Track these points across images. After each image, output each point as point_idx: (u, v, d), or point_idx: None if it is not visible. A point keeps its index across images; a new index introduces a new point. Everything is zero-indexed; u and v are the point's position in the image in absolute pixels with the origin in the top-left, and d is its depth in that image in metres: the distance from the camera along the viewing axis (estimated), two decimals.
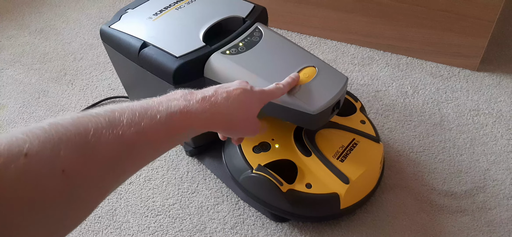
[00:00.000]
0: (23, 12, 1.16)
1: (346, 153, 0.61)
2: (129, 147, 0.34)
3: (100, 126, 0.32)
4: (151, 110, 0.37)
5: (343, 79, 0.57)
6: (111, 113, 0.33)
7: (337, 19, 0.94)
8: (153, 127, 0.36)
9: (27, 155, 0.26)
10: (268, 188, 0.58)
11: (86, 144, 0.30)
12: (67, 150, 0.29)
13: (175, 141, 0.40)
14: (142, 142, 0.35)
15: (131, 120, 0.34)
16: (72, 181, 0.29)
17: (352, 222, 0.62)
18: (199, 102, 0.41)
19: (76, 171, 0.29)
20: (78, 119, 0.31)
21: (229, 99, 0.44)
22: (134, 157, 0.35)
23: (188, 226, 0.64)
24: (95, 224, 0.65)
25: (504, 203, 0.64)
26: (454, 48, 0.87)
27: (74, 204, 0.30)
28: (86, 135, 0.30)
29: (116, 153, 0.33)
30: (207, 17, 0.65)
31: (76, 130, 0.30)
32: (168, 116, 0.37)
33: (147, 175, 0.71)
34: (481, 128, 0.76)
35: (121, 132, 0.33)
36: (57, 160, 0.28)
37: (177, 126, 0.39)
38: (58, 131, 0.29)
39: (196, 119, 0.41)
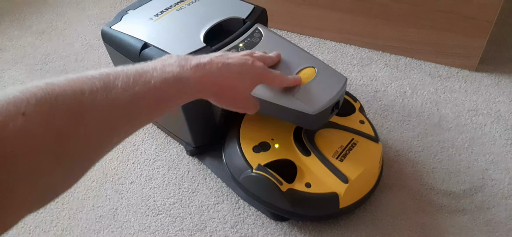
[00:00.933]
0: (25, 13, 1.16)
1: (345, 153, 0.61)
2: (123, 111, 0.34)
3: (94, 89, 0.32)
4: (146, 75, 0.37)
5: (342, 79, 0.58)
6: (106, 77, 0.34)
7: (336, 19, 0.95)
8: (147, 93, 0.37)
9: (25, 114, 0.27)
10: (268, 187, 0.58)
11: (81, 106, 0.31)
12: (62, 112, 0.29)
13: (168, 106, 0.40)
14: (136, 106, 0.36)
15: (125, 84, 0.35)
16: (66, 141, 0.29)
17: (351, 222, 0.63)
18: (193, 68, 0.41)
19: (70, 132, 0.30)
20: (74, 81, 0.31)
21: (223, 70, 0.44)
22: (127, 120, 0.36)
23: (189, 225, 0.64)
24: (96, 224, 0.65)
25: (503, 202, 0.64)
26: (452, 49, 0.87)
27: (68, 164, 0.31)
28: (81, 97, 0.31)
29: (109, 116, 0.33)
30: (208, 18, 0.66)
31: (71, 91, 0.31)
32: (162, 82, 0.38)
33: (148, 175, 0.72)
34: (479, 128, 0.76)
35: (115, 95, 0.34)
36: (53, 120, 0.29)
37: (170, 93, 0.39)
38: (54, 91, 0.29)
39: (188, 86, 0.41)
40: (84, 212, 0.67)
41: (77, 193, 0.70)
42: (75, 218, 0.66)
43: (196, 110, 0.67)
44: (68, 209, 0.68)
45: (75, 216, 0.67)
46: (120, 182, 0.71)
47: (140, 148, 0.77)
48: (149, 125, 0.81)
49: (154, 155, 0.75)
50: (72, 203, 0.69)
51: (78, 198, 0.69)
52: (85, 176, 0.74)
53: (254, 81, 0.49)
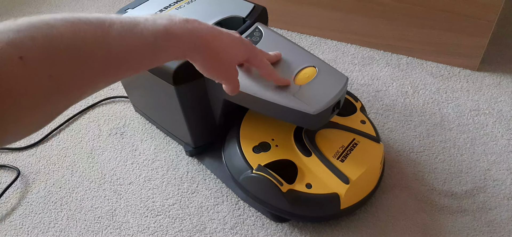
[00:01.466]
0: (23, 12, 1.16)
1: (346, 153, 0.61)
2: (115, 57, 0.35)
3: (91, 36, 0.33)
4: (138, 25, 0.38)
5: (343, 79, 0.57)
6: (102, 23, 0.34)
7: (337, 19, 0.94)
8: (139, 44, 0.37)
9: (22, 58, 0.27)
10: (268, 188, 0.58)
11: (77, 51, 0.32)
12: (59, 57, 0.30)
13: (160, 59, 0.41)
14: (128, 54, 0.37)
15: (119, 32, 0.35)
16: (58, 84, 0.31)
17: (352, 222, 0.62)
18: (182, 22, 0.42)
19: (64, 78, 0.31)
20: (72, 25, 0.32)
21: (211, 28, 0.45)
22: (118, 66, 0.36)
23: (188, 226, 0.64)
24: (95, 225, 0.65)
25: (505, 203, 0.64)
26: (454, 48, 0.87)
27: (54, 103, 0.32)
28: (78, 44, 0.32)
29: (103, 64, 0.34)
30: (207, 17, 0.65)
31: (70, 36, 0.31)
32: (153, 33, 0.39)
33: (147, 175, 0.71)
34: (481, 128, 0.76)
35: (110, 43, 0.34)
36: (49, 65, 0.29)
37: (161, 44, 0.40)
38: (53, 36, 0.30)
39: (179, 38, 0.41)
40: (82, 213, 0.67)
41: (75, 194, 0.69)
42: (74, 219, 0.66)
43: (195, 110, 0.66)
44: (67, 210, 0.67)
45: (73, 217, 0.66)
46: (119, 183, 0.71)
47: (139, 148, 0.76)
48: (148, 125, 0.80)
49: (153, 155, 0.75)
50: (71, 204, 0.68)
51: (77, 199, 0.69)
52: (83, 177, 0.74)
53: (243, 51, 0.49)
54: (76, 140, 0.79)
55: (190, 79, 0.60)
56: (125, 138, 0.78)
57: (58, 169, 0.74)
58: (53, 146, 0.78)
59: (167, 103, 0.67)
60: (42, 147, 0.78)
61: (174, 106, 0.65)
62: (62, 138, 0.79)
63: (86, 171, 0.73)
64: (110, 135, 0.79)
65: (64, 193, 0.70)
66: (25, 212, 0.67)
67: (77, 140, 0.79)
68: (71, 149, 0.77)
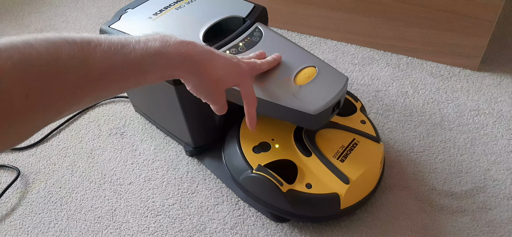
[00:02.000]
0: (23, 12, 1.16)
1: (346, 153, 0.61)
2: (96, 80, 0.35)
3: (72, 55, 0.33)
4: (127, 46, 0.37)
5: (343, 79, 0.57)
6: (87, 44, 0.34)
7: (337, 19, 0.94)
8: (125, 65, 0.37)
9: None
10: (268, 188, 0.58)
11: (54, 73, 0.31)
12: (34, 77, 0.30)
13: (144, 81, 0.40)
14: (111, 77, 0.36)
15: (105, 54, 0.35)
16: (34, 104, 0.30)
17: (352, 222, 0.62)
18: (176, 44, 0.41)
19: (38, 97, 0.31)
20: (53, 45, 0.32)
21: (206, 52, 0.44)
22: (99, 88, 0.36)
23: (188, 226, 0.64)
24: (95, 225, 0.65)
25: (505, 203, 0.64)
26: (454, 48, 0.87)
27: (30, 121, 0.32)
28: (56, 63, 0.32)
29: (83, 83, 0.34)
30: (207, 17, 0.65)
31: (48, 56, 0.31)
32: (142, 55, 0.38)
33: (147, 175, 0.71)
34: (481, 128, 0.76)
35: (92, 65, 0.34)
36: (23, 85, 0.29)
37: (149, 66, 0.39)
38: (31, 55, 0.30)
39: (168, 60, 0.41)
40: (82, 213, 0.67)
41: (75, 194, 0.69)
42: (74, 219, 0.66)
43: (195, 110, 0.66)
44: (67, 210, 0.67)
45: (73, 217, 0.66)
46: (119, 183, 0.71)
47: (139, 148, 0.76)
48: (148, 125, 0.80)
49: (153, 155, 0.75)
50: (71, 204, 0.68)
51: (77, 199, 0.69)
52: (83, 177, 0.74)
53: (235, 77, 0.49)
54: (76, 140, 0.79)
55: None
56: (125, 138, 0.78)
57: (58, 169, 0.74)
58: (53, 146, 0.78)
59: (167, 103, 0.67)
60: (42, 147, 0.78)
61: (174, 106, 0.65)
62: (62, 138, 0.79)
63: (86, 171, 0.73)
64: (110, 135, 0.79)
65: (64, 193, 0.70)
66: (25, 212, 0.67)
67: (77, 140, 0.79)
68: (71, 149, 0.77)
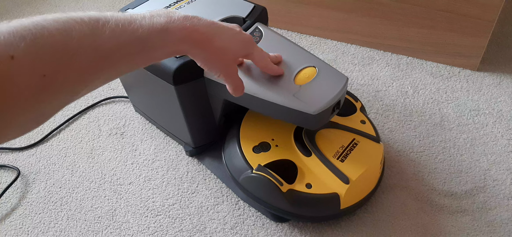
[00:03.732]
0: (23, 11, 1.16)
1: (346, 153, 0.61)
2: (107, 57, 0.35)
3: (82, 34, 0.33)
4: (134, 24, 0.38)
5: (343, 79, 0.57)
6: (95, 22, 0.35)
7: (337, 19, 0.94)
8: (133, 42, 0.37)
9: (13, 57, 0.28)
10: (268, 188, 0.58)
11: (68, 51, 0.32)
12: (49, 57, 0.30)
13: (151, 57, 0.41)
14: (119, 55, 0.37)
15: (113, 31, 0.36)
16: (49, 84, 0.31)
17: (352, 222, 0.62)
18: (180, 19, 0.42)
19: (54, 76, 0.31)
20: (63, 24, 0.32)
21: (210, 24, 0.45)
22: (110, 66, 0.37)
23: (188, 226, 0.64)
24: (95, 224, 0.65)
25: (505, 203, 0.64)
26: (454, 48, 0.87)
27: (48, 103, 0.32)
28: (68, 43, 0.32)
29: (94, 62, 0.34)
30: (207, 17, 0.65)
31: (60, 35, 0.31)
32: (149, 31, 0.38)
33: (147, 175, 0.71)
34: (481, 128, 0.76)
35: (102, 43, 0.35)
36: (40, 64, 0.30)
37: (155, 43, 0.40)
38: (43, 36, 0.30)
39: (174, 35, 0.41)
40: (82, 213, 0.67)
41: (75, 194, 0.69)
42: (74, 219, 0.66)
43: (195, 110, 0.66)
44: (67, 210, 0.67)
45: (73, 217, 0.66)
46: (119, 183, 0.71)
47: (139, 148, 0.76)
48: (148, 125, 0.80)
49: (153, 155, 0.75)
50: (71, 203, 0.68)
51: (77, 198, 0.69)
52: (84, 177, 0.74)
53: (242, 45, 0.49)
54: (76, 140, 0.79)
55: (190, 79, 0.60)
56: (125, 138, 0.78)
57: (58, 169, 0.74)
58: (53, 146, 0.78)
59: (167, 103, 0.67)
60: (42, 147, 0.78)
61: (174, 106, 0.65)
62: (62, 138, 0.79)
63: (86, 171, 0.73)
64: (110, 135, 0.79)
65: (64, 193, 0.70)
66: (25, 212, 0.67)
67: (77, 140, 0.79)
68: (71, 149, 0.77)
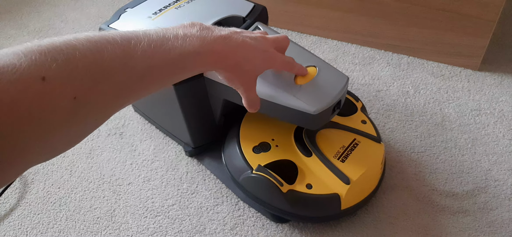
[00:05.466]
0: (22, 11, 1.15)
1: (347, 153, 0.61)
2: (139, 78, 0.35)
3: (114, 56, 0.33)
4: (166, 44, 0.37)
5: (344, 79, 0.57)
6: (127, 42, 0.34)
7: (338, 18, 0.94)
8: (165, 64, 0.37)
9: (45, 79, 0.27)
10: (268, 188, 0.57)
11: (100, 73, 0.31)
12: (81, 78, 0.30)
13: (181, 77, 0.41)
14: (153, 75, 0.36)
15: (145, 52, 0.35)
16: (81, 106, 0.30)
17: (353, 223, 0.62)
18: (213, 42, 0.42)
19: (86, 98, 0.31)
20: (95, 44, 0.32)
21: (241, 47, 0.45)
22: (142, 87, 0.36)
23: (188, 227, 0.63)
24: (94, 225, 0.64)
25: (506, 203, 0.64)
26: (455, 48, 0.87)
27: (79, 126, 0.32)
28: (101, 64, 0.31)
29: (126, 83, 0.34)
30: (207, 16, 0.65)
31: (92, 57, 0.31)
32: (181, 54, 0.38)
33: (146, 176, 0.71)
34: (482, 128, 0.75)
35: (134, 64, 0.34)
36: (71, 86, 0.29)
37: (187, 65, 0.40)
38: (75, 57, 0.30)
39: (205, 59, 0.41)
40: (81, 214, 0.66)
41: (74, 195, 0.69)
42: (73, 220, 0.66)
43: (195, 110, 0.66)
44: (66, 211, 0.67)
45: (72, 218, 0.66)
46: (118, 184, 0.70)
47: (138, 148, 0.76)
48: (147, 125, 0.80)
49: (153, 155, 0.74)
50: (70, 204, 0.68)
51: (76, 199, 0.68)
52: (82, 177, 0.73)
53: (268, 64, 0.50)
54: None
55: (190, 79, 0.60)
56: (124, 138, 0.78)
57: (57, 169, 0.73)
58: None
59: (167, 103, 0.67)
60: None
61: (173, 106, 0.64)
62: None
63: (85, 172, 0.73)
64: (109, 135, 0.79)
65: (63, 194, 0.69)
66: (24, 213, 0.67)
67: None
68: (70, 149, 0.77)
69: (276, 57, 0.50)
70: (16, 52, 0.27)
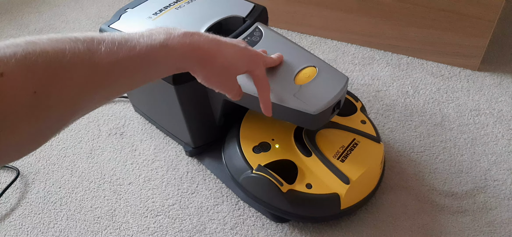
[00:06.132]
0: (22, 11, 1.16)
1: (347, 153, 0.61)
2: (103, 74, 0.35)
3: (76, 51, 0.32)
4: (131, 41, 0.37)
5: (344, 79, 0.57)
6: (90, 40, 0.34)
7: (338, 18, 0.94)
8: (131, 59, 0.37)
9: (3, 74, 0.27)
10: (268, 188, 0.57)
11: (61, 68, 0.31)
12: (41, 72, 0.30)
13: (152, 74, 0.40)
14: (117, 71, 0.36)
15: (109, 49, 0.35)
16: (42, 101, 0.30)
17: (352, 223, 0.62)
18: (180, 36, 0.41)
19: (47, 93, 0.30)
20: (56, 42, 0.31)
21: (212, 41, 0.44)
22: (107, 84, 0.36)
23: (188, 226, 0.64)
24: (94, 225, 0.65)
25: (505, 203, 0.64)
26: (454, 48, 0.87)
27: (43, 122, 0.31)
28: (61, 59, 0.31)
29: (89, 79, 0.33)
30: (207, 16, 0.65)
31: (53, 51, 0.31)
32: (148, 48, 0.38)
33: (147, 175, 0.71)
34: (482, 128, 0.76)
35: (97, 60, 0.34)
36: (31, 81, 0.29)
37: (155, 59, 0.39)
38: (35, 51, 0.30)
39: (174, 51, 0.41)
40: (82, 213, 0.66)
41: (75, 194, 0.69)
42: (73, 219, 0.66)
43: (195, 110, 0.66)
44: (66, 210, 0.67)
45: (73, 217, 0.66)
46: (119, 183, 0.70)
47: (138, 148, 0.76)
48: (147, 125, 0.80)
49: (153, 155, 0.74)
50: (70, 204, 0.68)
51: (76, 199, 0.69)
52: (83, 177, 0.74)
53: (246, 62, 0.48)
54: (75, 140, 0.79)
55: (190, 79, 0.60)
56: (124, 138, 0.78)
57: (57, 169, 0.74)
58: (52, 146, 0.78)
59: (167, 103, 0.67)
60: (42, 147, 0.78)
61: (174, 106, 0.64)
62: (61, 138, 0.79)
63: (86, 171, 0.73)
64: (110, 135, 0.79)
65: (63, 193, 0.70)
66: (25, 212, 0.67)
67: (76, 140, 0.79)
68: (70, 149, 0.77)
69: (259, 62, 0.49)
70: None
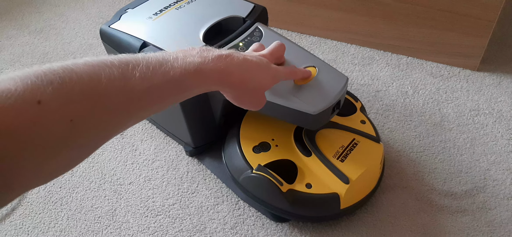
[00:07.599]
0: (23, 12, 1.16)
1: (346, 153, 0.61)
2: (138, 100, 0.35)
3: (112, 78, 0.32)
4: (166, 65, 0.37)
5: (344, 79, 0.57)
6: (125, 65, 0.34)
7: (337, 19, 0.94)
8: (165, 84, 0.37)
9: (41, 102, 0.27)
10: (268, 188, 0.58)
11: (97, 95, 0.31)
12: (77, 101, 0.29)
13: (185, 96, 0.41)
14: (152, 96, 0.36)
15: (144, 74, 0.34)
16: (78, 129, 0.30)
17: (352, 222, 0.62)
18: (214, 60, 0.41)
19: (83, 121, 0.30)
20: (93, 68, 0.31)
21: (244, 64, 0.44)
22: (141, 108, 0.36)
23: (188, 226, 0.64)
24: (95, 224, 0.65)
25: (504, 203, 0.64)
26: (454, 48, 0.87)
27: (76, 148, 0.31)
28: (97, 86, 0.31)
29: (124, 105, 0.33)
30: (207, 17, 0.65)
31: (89, 79, 0.31)
32: (182, 73, 0.38)
33: (147, 175, 0.71)
34: (481, 128, 0.76)
35: (132, 85, 0.34)
36: (68, 109, 0.29)
37: (190, 85, 0.39)
38: (72, 79, 0.29)
39: (208, 77, 0.41)
40: (82, 213, 0.67)
41: (75, 194, 0.69)
42: (74, 219, 0.66)
43: (195, 110, 0.66)
44: (67, 210, 0.67)
45: (74, 217, 0.66)
46: (119, 183, 0.71)
47: (139, 148, 0.76)
48: (148, 125, 0.80)
49: (153, 155, 0.75)
50: (71, 203, 0.68)
51: (77, 198, 0.69)
52: (84, 177, 0.74)
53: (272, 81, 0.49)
54: None
55: None
56: (125, 138, 0.78)
57: None
58: None
59: None
60: None
61: (174, 106, 0.65)
62: None
63: (86, 171, 0.73)
64: None
65: (64, 193, 0.70)
66: (25, 212, 0.67)
67: None
68: None
69: (279, 71, 0.50)
70: (13, 77, 0.27)
